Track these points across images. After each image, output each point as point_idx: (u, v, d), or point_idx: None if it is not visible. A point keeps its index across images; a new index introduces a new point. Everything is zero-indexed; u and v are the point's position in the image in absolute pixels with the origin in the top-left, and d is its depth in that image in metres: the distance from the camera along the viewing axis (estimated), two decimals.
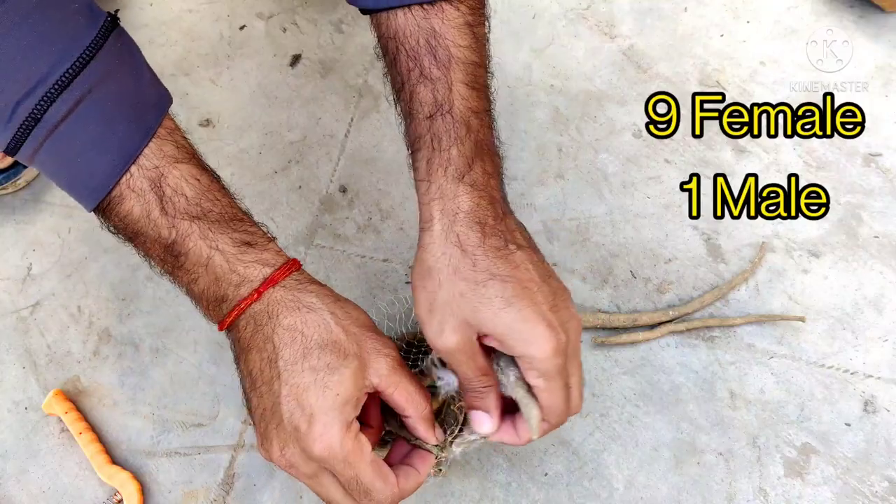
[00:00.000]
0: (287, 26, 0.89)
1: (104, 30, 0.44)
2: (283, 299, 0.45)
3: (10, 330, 0.73)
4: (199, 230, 0.45)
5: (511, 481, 0.65)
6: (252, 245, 0.47)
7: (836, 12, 0.88)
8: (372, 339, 0.47)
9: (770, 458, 0.65)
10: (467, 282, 0.45)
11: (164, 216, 0.45)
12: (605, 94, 0.84)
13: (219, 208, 0.47)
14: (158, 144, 0.46)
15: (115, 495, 0.65)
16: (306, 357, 0.44)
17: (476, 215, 0.46)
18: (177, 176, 0.46)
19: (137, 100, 0.46)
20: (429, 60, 0.47)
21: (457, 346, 0.46)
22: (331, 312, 0.46)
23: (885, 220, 0.75)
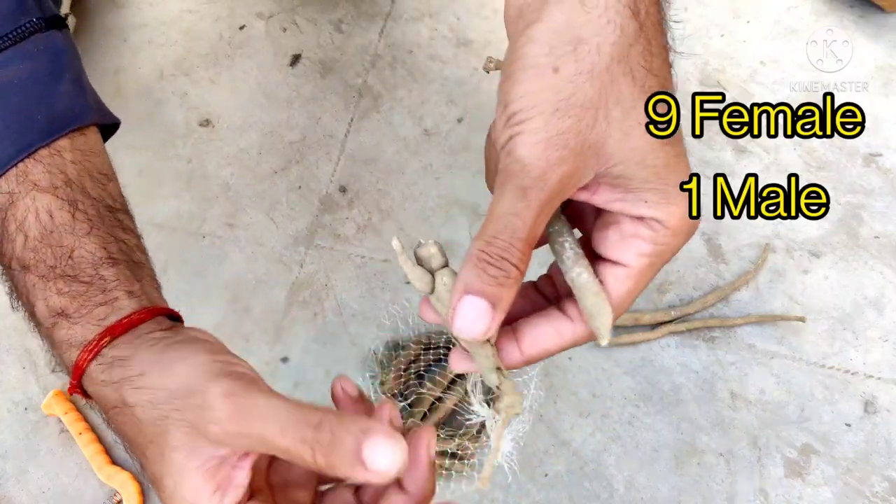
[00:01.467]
0: (287, 26, 0.89)
1: (23, 29, 0.40)
2: (97, 400, 0.37)
3: (10, 330, 0.73)
4: (25, 285, 0.38)
5: (511, 482, 0.65)
6: (68, 317, 0.38)
7: (836, 12, 0.87)
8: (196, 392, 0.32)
9: (770, 458, 0.65)
10: (634, 82, 0.29)
11: (0, 255, 0.39)
12: None
13: (53, 259, 0.38)
14: (27, 167, 0.39)
15: (114, 495, 0.65)
16: (144, 467, 0.35)
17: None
18: (27, 206, 0.38)
19: (30, 112, 0.40)
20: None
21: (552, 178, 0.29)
22: (137, 397, 0.34)
23: (885, 220, 0.75)
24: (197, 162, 0.81)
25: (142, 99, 0.85)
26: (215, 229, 0.77)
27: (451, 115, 0.83)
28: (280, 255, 0.76)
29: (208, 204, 0.79)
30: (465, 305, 0.30)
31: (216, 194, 0.79)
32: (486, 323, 0.30)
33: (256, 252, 0.76)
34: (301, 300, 0.73)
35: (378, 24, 0.89)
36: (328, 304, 0.73)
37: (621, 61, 0.29)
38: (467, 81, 0.85)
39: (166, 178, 0.80)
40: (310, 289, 0.74)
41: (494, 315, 0.30)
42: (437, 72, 0.86)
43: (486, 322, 0.30)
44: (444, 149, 0.81)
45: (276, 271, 0.75)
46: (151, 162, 0.81)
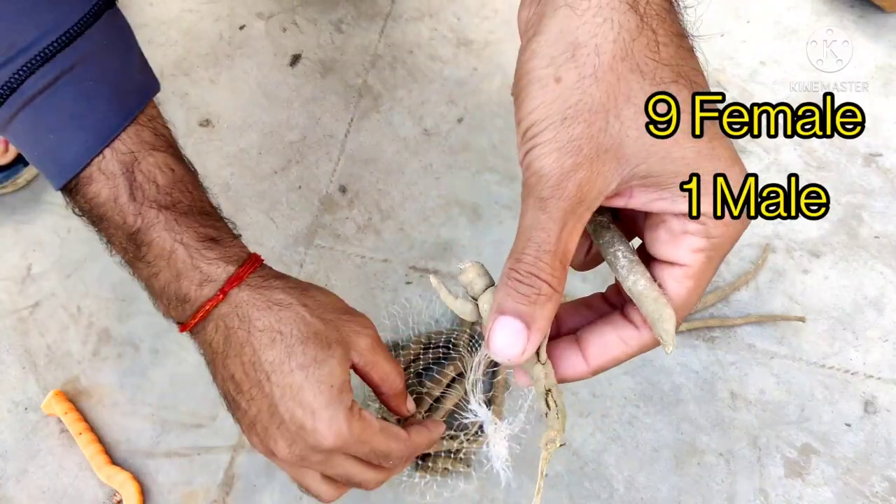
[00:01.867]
0: (287, 26, 0.89)
1: (97, 7, 0.43)
2: (251, 299, 0.44)
3: (10, 330, 0.73)
4: (165, 220, 0.43)
5: (511, 481, 0.65)
6: (217, 241, 0.45)
7: (836, 12, 0.87)
8: (349, 321, 0.46)
9: (770, 458, 0.65)
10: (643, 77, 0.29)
11: (131, 202, 0.43)
12: None
13: (188, 200, 0.45)
14: (137, 130, 0.45)
15: (114, 495, 0.65)
16: (291, 356, 0.43)
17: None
18: (151, 163, 0.44)
19: (121, 83, 0.45)
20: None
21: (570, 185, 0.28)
22: (303, 305, 0.44)
23: (885, 220, 0.75)
24: (197, 162, 0.80)
25: None
26: None
27: (451, 115, 0.83)
28: (280, 255, 0.76)
29: None
30: (498, 327, 0.30)
31: (216, 194, 0.79)
32: (521, 344, 0.29)
33: (256, 252, 0.76)
34: None
35: (378, 24, 0.89)
36: None
37: (625, 58, 0.28)
38: (467, 81, 0.85)
39: None
40: None
41: (530, 335, 0.29)
42: (437, 72, 0.86)
43: (522, 343, 0.29)
44: (443, 149, 0.81)
45: None
46: None
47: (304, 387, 0.43)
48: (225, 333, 0.44)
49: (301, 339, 0.43)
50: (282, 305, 0.44)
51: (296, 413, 0.43)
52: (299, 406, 0.43)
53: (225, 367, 0.45)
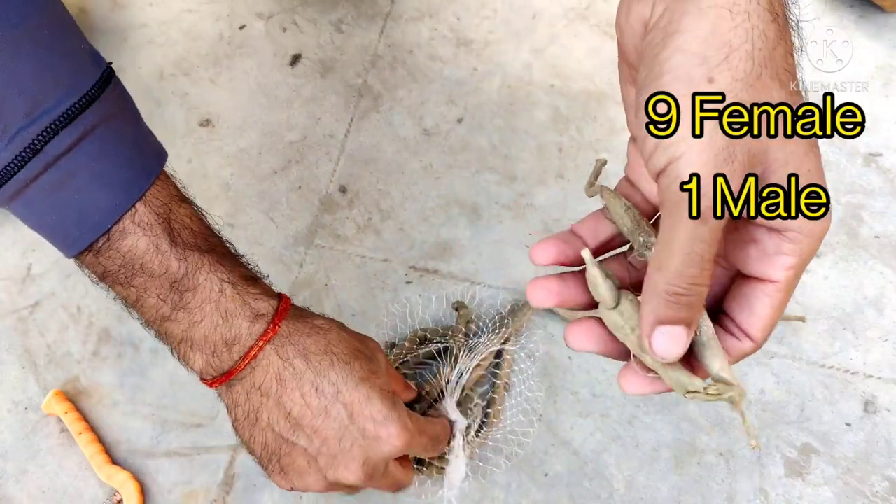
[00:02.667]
0: (287, 26, 0.89)
1: (106, 73, 0.43)
2: (299, 328, 0.45)
3: (10, 330, 0.73)
4: (210, 263, 0.44)
5: (511, 481, 0.65)
6: (256, 280, 0.47)
7: (836, 12, 0.88)
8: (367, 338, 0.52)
9: (770, 458, 0.65)
10: (781, 85, 0.30)
11: (174, 248, 0.43)
12: (606, 94, 0.83)
13: (222, 245, 0.47)
14: (163, 185, 0.45)
15: (114, 495, 0.65)
16: (352, 372, 0.45)
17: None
18: (183, 213, 0.45)
19: (139, 143, 0.45)
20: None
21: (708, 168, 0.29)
22: (339, 326, 0.49)
23: (885, 220, 0.75)
24: (197, 162, 0.81)
25: (142, 99, 0.85)
26: None
27: (451, 115, 0.83)
28: (280, 255, 0.76)
29: (208, 204, 0.78)
30: (660, 335, 0.31)
31: (216, 194, 0.79)
32: (684, 343, 0.31)
33: (256, 252, 0.76)
34: (301, 300, 0.73)
35: (378, 24, 0.89)
36: (328, 304, 0.73)
37: (768, 66, 0.29)
38: (467, 81, 0.85)
39: None
40: (310, 289, 0.74)
41: (690, 332, 0.31)
42: (437, 72, 0.86)
43: (684, 342, 0.31)
44: (444, 149, 0.81)
45: (276, 271, 0.75)
46: None
47: (372, 397, 0.44)
48: (278, 369, 0.44)
49: (353, 356, 0.46)
50: (325, 329, 0.46)
51: (367, 426, 0.44)
52: (370, 419, 0.44)
53: (280, 406, 0.44)
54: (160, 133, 0.84)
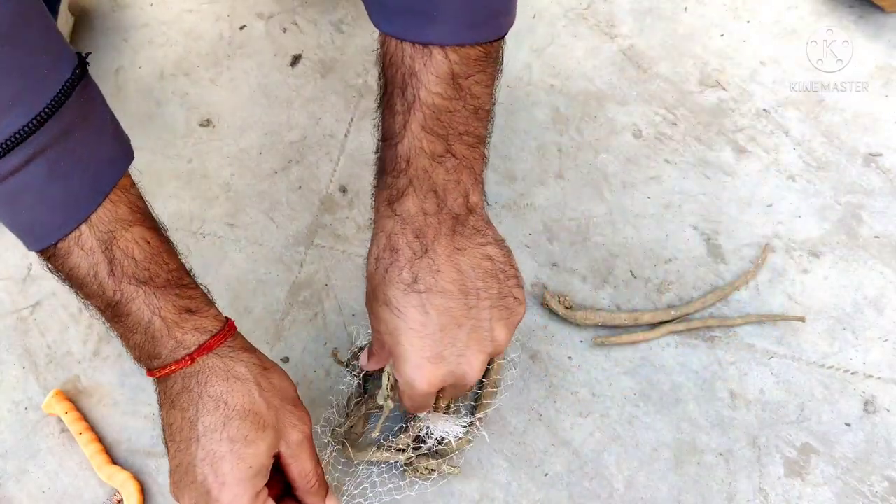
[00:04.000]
0: (287, 26, 0.89)
1: (70, 82, 0.43)
2: (214, 367, 0.48)
3: (10, 330, 0.73)
4: (145, 295, 0.46)
5: (511, 481, 0.65)
6: (193, 312, 0.48)
7: (836, 12, 0.88)
8: (291, 411, 0.50)
9: (770, 458, 0.65)
10: (372, 292, 0.49)
11: (111, 278, 0.46)
12: (605, 94, 0.84)
13: (165, 272, 0.48)
14: (112, 206, 0.46)
15: (115, 495, 0.65)
16: (226, 426, 0.46)
17: (394, 243, 0.48)
18: (128, 238, 0.46)
19: (94, 159, 0.45)
20: (397, 94, 0.47)
21: (374, 331, 0.53)
22: (256, 384, 0.48)
23: (885, 220, 0.75)
24: (197, 162, 0.81)
25: (142, 99, 0.85)
26: (215, 229, 0.77)
27: None
28: (280, 255, 0.76)
29: (209, 204, 0.79)
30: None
31: (216, 194, 0.79)
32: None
33: (256, 252, 0.76)
34: (301, 300, 0.73)
35: None
36: (328, 304, 0.73)
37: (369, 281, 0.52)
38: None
39: (166, 178, 0.80)
40: (310, 289, 0.74)
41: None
42: None
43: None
44: None
45: (276, 271, 0.75)
46: (152, 162, 0.81)
47: (225, 458, 0.46)
48: (180, 389, 0.48)
49: (241, 414, 0.47)
50: (237, 378, 0.48)
51: (208, 478, 0.46)
52: (213, 473, 0.46)
53: (169, 414, 0.48)
54: (161, 133, 0.84)
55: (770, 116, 0.82)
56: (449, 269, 0.48)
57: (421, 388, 0.49)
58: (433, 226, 0.48)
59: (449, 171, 0.48)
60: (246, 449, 0.46)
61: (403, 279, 0.47)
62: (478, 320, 0.49)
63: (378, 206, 0.50)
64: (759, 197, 0.77)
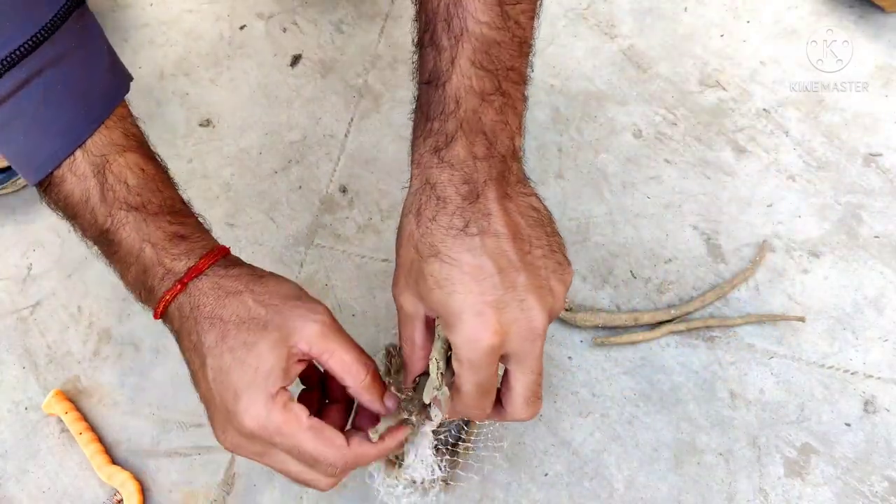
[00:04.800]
0: (287, 26, 0.89)
1: (65, 9, 0.43)
2: (206, 288, 0.46)
3: (10, 330, 0.73)
4: (135, 221, 0.46)
5: (511, 481, 0.65)
6: (184, 238, 0.47)
7: (836, 12, 0.88)
8: (296, 306, 0.46)
9: (770, 458, 0.65)
10: (415, 252, 0.43)
11: (102, 203, 0.45)
12: (605, 94, 0.84)
13: (158, 199, 0.47)
14: (107, 132, 0.46)
15: (115, 495, 0.65)
16: (224, 339, 0.44)
17: (441, 191, 0.44)
18: (121, 164, 0.46)
19: (89, 86, 0.45)
20: (441, 27, 0.44)
21: (402, 306, 0.45)
22: (250, 291, 0.46)
23: (885, 220, 0.75)
24: (197, 162, 0.81)
25: (142, 99, 0.85)
26: (215, 229, 0.77)
27: None
28: (280, 255, 0.76)
29: (209, 204, 0.79)
30: None
31: (216, 194, 0.79)
32: None
33: (257, 252, 0.76)
34: None
35: (378, 24, 0.89)
36: (328, 304, 0.73)
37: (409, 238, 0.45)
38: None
39: None
40: (310, 289, 0.74)
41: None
42: None
43: None
44: None
45: (276, 271, 0.74)
46: None
47: (231, 368, 0.43)
48: (180, 320, 0.46)
49: (237, 323, 0.44)
50: (229, 292, 0.45)
51: (223, 396, 0.44)
52: (225, 388, 0.44)
53: (182, 351, 0.47)
54: (161, 133, 0.84)
55: (770, 116, 0.82)
56: (500, 213, 0.44)
57: (486, 341, 0.41)
58: (483, 170, 0.44)
59: (497, 112, 0.45)
60: (247, 353, 0.44)
61: (454, 225, 0.43)
62: (534, 267, 0.44)
63: (420, 156, 0.46)
64: (758, 197, 0.77)
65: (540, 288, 0.43)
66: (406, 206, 0.46)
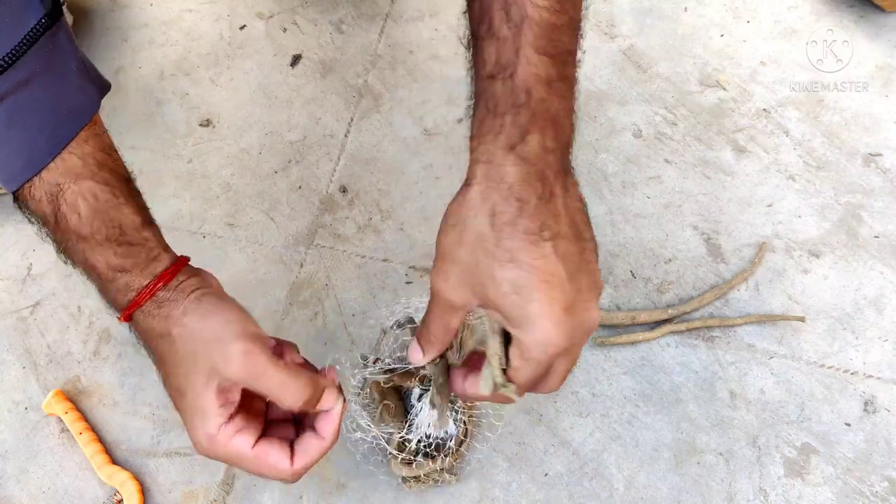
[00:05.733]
0: (287, 26, 0.89)
1: (35, 31, 0.43)
2: (142, 325, 0.49)
3: (10, 330, 0.73)
4: (83, 251, 0.47)
5: (511, 481, 0.65)
6: (125, 271, 0.48)
7: (836, 12, 0.88)
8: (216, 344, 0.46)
9: (770, 458, 0.65)
10: (486, 254, 0.42)
11: (56, 229, 0.47)
12: (605, 94, 0.84)
13: (107, 229, 0.48)
14: (64, 160, 0.47)
15: (115, 495, 0.65)
16: (168, 377, 0.48)
17: (518, 191, 0.42)
18: (75, 192, 0.47)
19: (55, 108, 0.46)
20: (500, 17, 0.43)
21: (447, 300, 0.45)
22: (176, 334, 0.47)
23: (885, 220, 0.75)
24: (197, 162, 0.81)
25: (142, 99, 0.85)
26: (216, 229, 0.77)
27: (451, 115, 0.83)
28: (280, 255, 0.76)
29: (209, 204, 0.79)
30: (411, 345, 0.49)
31: (216, 194, 0.79)
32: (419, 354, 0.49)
33: (256, 252, 0.76)
34: (301, 300, 0.73)
35: (378, 24, 0.89)
36: (328, 304, 0.73)
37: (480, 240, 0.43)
38: (467, 81, 0.85)
39: (167, 178, 0.80)
40: (310, 289, 0.74)
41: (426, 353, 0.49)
42: (437, 72, 0.86)
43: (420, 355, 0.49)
44: (444, 149, 0.81)
45: (276, 271, 0.75)
46: (152, 162, 0.81)
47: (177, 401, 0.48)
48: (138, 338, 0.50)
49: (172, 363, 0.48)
50: (159, 334, 0.48)
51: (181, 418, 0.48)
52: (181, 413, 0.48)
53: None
54: (161, 133, 0.84)
55: (770, 116, 0.82)
56: (565, 213, 0.44)
57: (559, 345, 0.42)
58: (553, 163, 0.44)
59: (561, 98, 0.44)
60: (183, 397, 0.47)
61: (530, 229, 0.42)
62: (590, 266, 0.44)
63: (490, 154, 0.44)
64: (758, 197, 0.77)
65: (596, 287, 0.45)
66: (470, 204, 0.43)
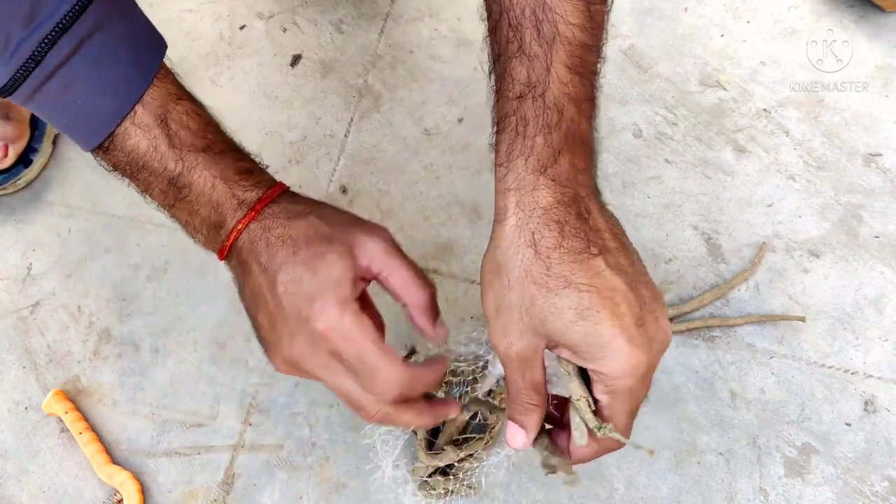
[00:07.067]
0: (287, 26, 0.89)
1: None
2: (276, 212, 0.48)
3: (10, 330, 0.73)
4: (205, 160, 0.47)
5: (511, 481, 0.65)
6: (252, 172, 0.49)
7: (836, 12, 0.88)
8: (360, 226, 0.48)
9: (770, 457, 0.65)
10: (539, 287, 0.41)
11: (171, 149, 0.47)
12: (605, 94, 0.84)
13: (221, 139, 0.49)
14: (160, 83, 0.47)
15: (115, 495, 0.65)
16: (296, 253, 0.45)
17: (555, 213, 0.42)
18: (180, 111, 0.47)
19: (136, 43, 0.47)
20: (531, 34, 0.42)
21: (518, 354, 0.43)
22: (315, 213, 0.48)
23: (885, 220, 0.75)
24: None
25: None
26: None
27: (451, 115, 0.83)
28: None
29: None
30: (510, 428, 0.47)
31: None
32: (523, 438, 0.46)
33: None
34: None
35: (378, 24, 0.89)
36: None
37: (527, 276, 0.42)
38: (468, 81, 0.85)
39: None
40: None
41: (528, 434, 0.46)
42: (437, 72, 0.86)
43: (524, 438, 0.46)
44: (444, 149, 0.81)
45: None
46: None
47: (303, 277, 0.45)
48: (250, 247, 0.47)
49: (307, 239, 0.46)
50: (297, 214, 0.48)
51: (295, 304, 0.45)
52: (300, 296, 0.45)
53: (249, 281, 0.48)
54: None
55: (770, 116, 0.82)
56: (606, 227, 0.43)
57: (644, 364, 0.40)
58: (584, 183, 0.43)
59: (588, 119, 0.44)
60: (319, 262, 0.45)
61: (577, 248, 0.41)
62: (645, 277, 0.43)
63: (521, 181, 0.43)
64: (759, 197, 0.77)
65: (659, 298, 0.43)
66: (508, 243, 0.43)
